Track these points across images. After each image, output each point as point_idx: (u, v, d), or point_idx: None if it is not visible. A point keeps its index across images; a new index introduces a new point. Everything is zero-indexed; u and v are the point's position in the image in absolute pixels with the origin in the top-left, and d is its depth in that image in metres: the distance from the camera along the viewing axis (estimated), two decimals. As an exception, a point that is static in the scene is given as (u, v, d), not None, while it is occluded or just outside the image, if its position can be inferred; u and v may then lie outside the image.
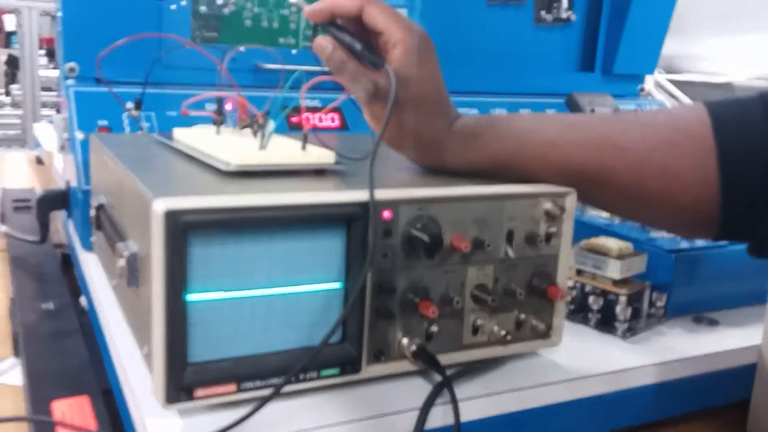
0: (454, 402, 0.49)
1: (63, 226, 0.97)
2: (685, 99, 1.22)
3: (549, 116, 0.59)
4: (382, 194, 0.48)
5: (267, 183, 0.51)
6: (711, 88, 1.46)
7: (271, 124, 0.58)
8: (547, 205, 0.54)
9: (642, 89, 1.17)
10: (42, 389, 0.60)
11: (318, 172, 0.57)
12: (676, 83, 1.39)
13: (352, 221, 0.48)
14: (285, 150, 0.56)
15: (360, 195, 0.48)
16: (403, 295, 0.51)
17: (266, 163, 0.54)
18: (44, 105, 2.72)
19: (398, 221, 0.50)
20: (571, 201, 0.55)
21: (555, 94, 1.07)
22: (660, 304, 0.66)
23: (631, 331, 0.63)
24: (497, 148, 0.57)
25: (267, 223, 0.46)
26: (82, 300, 0.78)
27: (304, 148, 0.57)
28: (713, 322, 0.68)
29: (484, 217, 0.53)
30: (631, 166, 0.53)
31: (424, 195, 0.51)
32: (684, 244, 0.69)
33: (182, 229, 0.43)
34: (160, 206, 0.42)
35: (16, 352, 0.70)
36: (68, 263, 0.92)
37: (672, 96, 1.30)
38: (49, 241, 0.94)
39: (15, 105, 3.58)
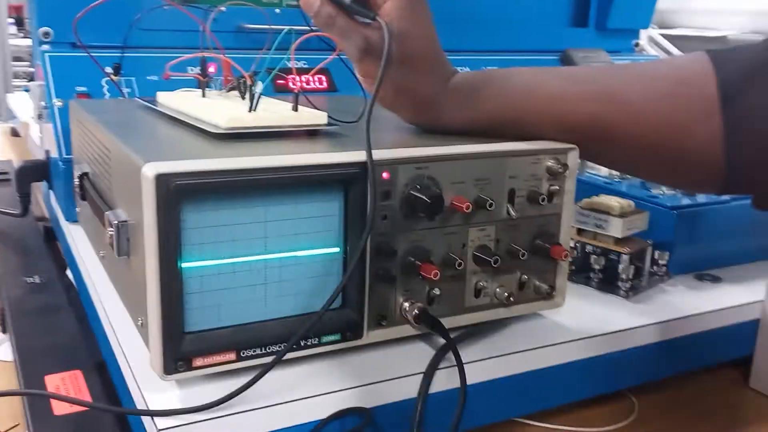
0: (460, 365, 0.48)
1: (44, 198, 0.95)
2: (680, 54, 1.21)
3: (549, 70, 0.57)
4: (379, 154, 0.47)
5: (259, 145, 0.49)
6: (705, 43, 1.44)
7: (260, 85, 0.55)
8: (549, 163, 0.53)
9: (637, 44, 1.15)
10: (34, 364, 0.58)
11: (310, 134, 0.55)
12: (670, 38, 1.37)
13: (349, 183, 0.47)
14: (276, 111, 0.54)
15: (357, 155, 0.46)
16: (404, 258, 0.49)
17: (257, 125, 0.52)
18: (15, 76, 2.64)
19: (397, 182, 0.48)
20: (573, 157, 0.53)
21: (549, 51, 1.05)
22: (662, 262, 0.65)
23: (633, 291, 0.62)
24: (496, 105, 0.55)
25: (262, 187, 0.44)
26: (69, 273, 0.76)
27: (295, 109, 0.55)
28: (716, 279, 0.67)
29: (485, 176, 0.51)
30: (632, 120, 0.52)
31: (422, 154, 0.49)
32: (685, 201, 0.68)
33: (174, 194, 0.41)
34: (151, 171, 0.40)
35: (4, 328, 0.68)
36: (51, 236, 0.90)
37: (666, 51, 1.28)
38: (30, 215, 0.92)
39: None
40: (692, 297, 0.64)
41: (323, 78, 0.92)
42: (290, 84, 0.89)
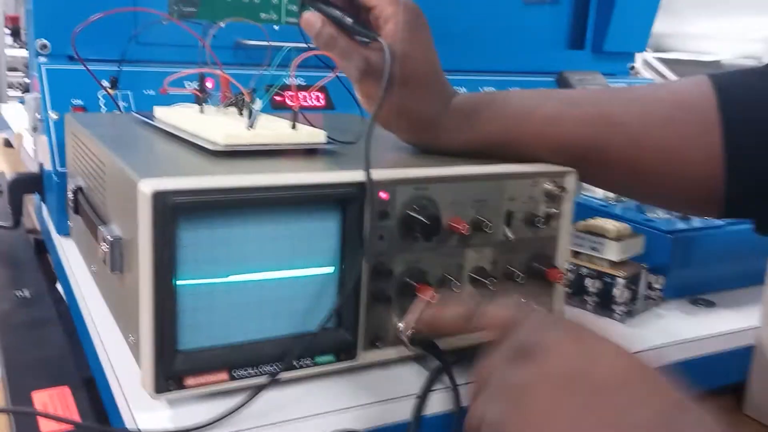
0: (455, 387, 0.47)
1: (36, 210, 0.94)
2: (674, 78, 1.22)
3: (548, 92, 0.57)
4: (378, 174, 0.46)
5: (256, 163, 0.49)
6: (699, 67, 1.46)
7: (259, 102, 0.55)
8: (547, 185, 0.53)
9: (632, 67, 1.16)
10: (21, 380, 0.57)
11: (309, 152, 0.55)
12: (665, 62, 1.39)
13: (347, 203, 0.46)
14: (274, 129, 0.54)
15: (355, 175, 0.46)
16: (400, 278, 0.49)
17: (255, 143, 0.52)
18: (9, 86, 2.64)
19: (395, 202, 0.48)
20: (571, 181, 0.53)
21: (545, 73, 1.06)
22: (657, 286, 0.65)
23: (629, 314, 0.62)
24: (495, 127, 0.55)
25: (259, 205, 0.44)
26: (59, 287, 0.75)
27: (294, 126, 0.55)
28: (710, 304, 0.67)
29: (483, 198, 0.51)
30: (629, 143, 0.52)
31: (421, 174, 0.49)
32: (681, 225, 0.68)
33: (171, 212, 0.40)
34: (148, 187, 0.40)
35: (-9, 342, 0.67)
36: (42, 249, 0.89)
37: (661, 75, 1.29)
38: (21, 227, 0.91)
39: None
40: (687, 322, 0.64)
41: (321, 96, 0.92)
42: (288, 101, 0.89)
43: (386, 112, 0.55)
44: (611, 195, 0.78)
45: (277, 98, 0.88)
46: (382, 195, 0.47)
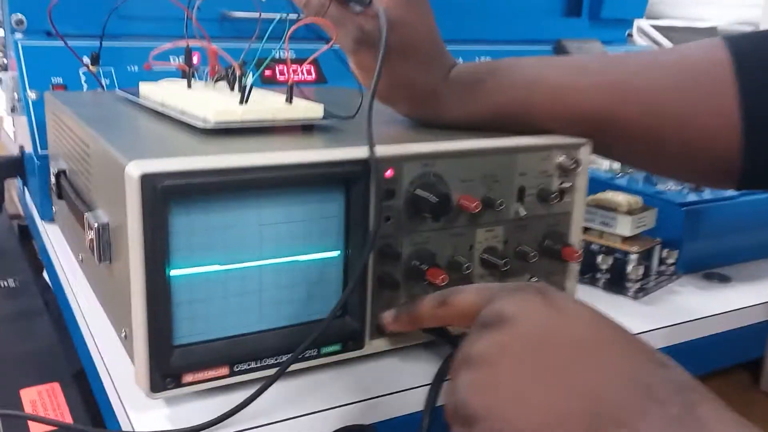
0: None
1: (19, 195, 0.90)
2: (669, 45, 1.19)
3: (555, 60, 0.54)
4: (382, 150, 0.43)
5: (251, 141, 0.46)
6: (695, 34, 1.42)
7: (251, 76, 0.52)
8: (560, 158, 0.50)
9: (630, 35, 1.13)
10: (8, 376, 0.54)
11: (305, 129, 0.51)
12: (660, 29, 1.35)
13: (351, 182, 0.43)
14: (268, 104, 0.50)
15: (358, 152, 0.43)
16: (408, 262, 0.46)
17: (249, 119, 0.48)
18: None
19: (401, 180, 0.45)
20: (585, 152, 0.50)
21: (542, 41, 1.02)
22: (670, 261, 0.63)
23: (642, 291, 0.60)
24: (501, 98, 0.52)
25: (256, 187, 0.41)
26: (45, 275, 0.72)
27: (289, 101, 0.51)
28: (725, 279, 0.65)
29: (494, 174, 0.48)
30: (643, 112, 0.49)
31: (428, 150, 0.45)
32: (692, 197, 0.65)
33: (161, 196, 0.37)
34: (136, 170, 0.37)
35: (-25, 336, 0.63)
36: (27, 236, 0.85)
37: (655, 42, 1.26)
38: (4, 213, 0.87)
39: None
40: (701, 298, 0.61)
41: (312, 69, 0.88)
42: (279, 75, 0.86)
43: (384, 84, 0.51)
44: (617, 167, 0.75)
45: (267, 73, 0.84)
46: (388, 172, 0.44)
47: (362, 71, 0.52)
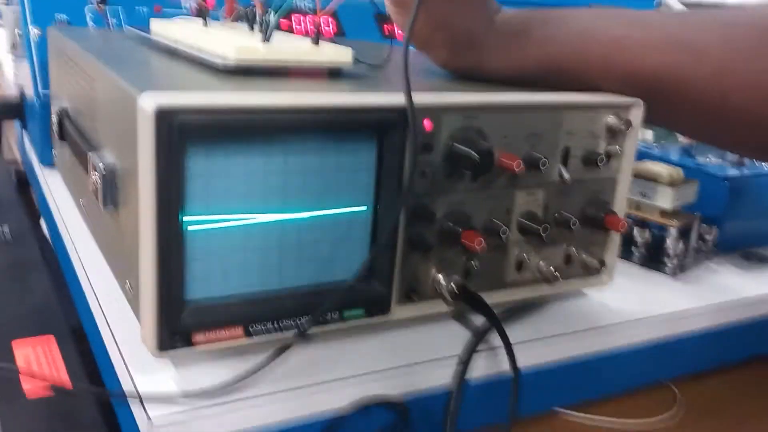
0: (509, 347, 0.41)
1: (17, 140, 0.86)
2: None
3: (613, 11, 0.49)
4: (421, 98, 0.39)
5: (276, 83, 0.41)
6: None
7: (274, 15, 0.47)
8: (610, 119, 0.46)
9: (660, 4, 1.08)
10: (0, 329, 0.51)
11: (332, 74, 0.47)
12: (687, 4, 1.30)
13: (385, 131, 0.39)
14: (293, 45, 0.46)
15: (396, 98, 0.39)
16: (442, 223, 0.42)
17: (272, 59, 0.44)
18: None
19: (440, 133, 0.40)
20: (637, 114, 0.46)
21: (572, 6, 0.97)
22: (709, 237, 0.59)
23: (680, 268, 0.56)
24: (549, 49, 0.47)
25: (283, 130, 0.37)
26: (43, 224, 0.68)
27: (316, 43, 0.47)
28: (764, 259, 0.61)
29: (538, 132, 0.44)
30: (710, 74, 0.44)
31: (470, 101, 0.41)
32: (734, 171, 0.61)
33: (179, 133, 0.33)
34: (150, 103, 0.32)
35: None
36: (24, 183, 0.81)
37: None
38: (1, 158, 0.83)
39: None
40: (743, 278, 0.58)
41: (331, 20, 0.83)
42: (295, 25, 0.81)
43: (422, 26, 0.47)
44: (649, 136, 0.71)
45: (283, 23, 0.79)
46: (426, 123, 0.40)
47: (398, 8, 0.48)
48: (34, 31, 0.67)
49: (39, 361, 0.47)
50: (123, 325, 0.41)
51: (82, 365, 0.46)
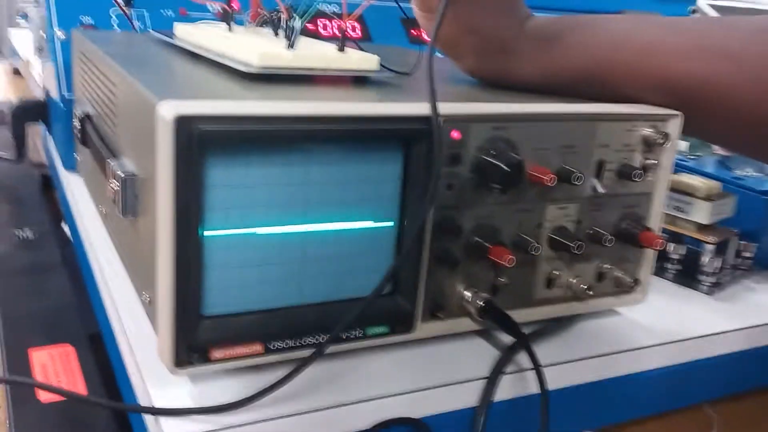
0: (537, 367, 0.39)
1: (42, 142, 0.86)
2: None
3: (645, 17, 0.47)
4: (448, 108, 0.38)
5: (300, 90, 0.40)
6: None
7: (299, 21, 0.46)
8: (647, 131, 0.44)
9: (694, 11, 1.05)
10: (19, 334, 0.50)
11: (358, 82, 0.46)
12: (719, 9, 1.27)
13: (411, 142, 0.38)
14: (319, 51, 0.45)
15: (422, 108, 0.37)
16: (469, 237, 0.40)
17: (297, 66, 0.43)
18: (18, 9, 2.52)
19: (468, 144, 0.39)
20: (675, 126, 0.44)
21: (604, 13, 0.95)
22: (747, 254, 0.56)
23: (717, 286, 0.54)
24: (581, 57, 0.46)
25: (305, 140, 0.35)
26: (65, 227, 0.67)
27: (342, 49, 0.45)
28: (805, 277, 0.58)
29: (571, 143, 0.42)
30: (747, 81, 0.42)
31: (500, 111, 0.40)
32: (773, 185, 0.58)
33: (198, 143, 0.32)
34: (169, 111, 0.31)
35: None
36: (48, 185, 0.81)
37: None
38: (27, 160, 0.83)
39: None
40: (781, 297, 0.55)
41: (357, 26, 0.82)
42: (321, 30, 0.80)
43: (450, 31, 0.46)
44: (683, 146, 0.69)
45: (309, 27, 0.78)
46: (454, 134, 0.38)
47: (426, 14, 0.46)
48: (58, 34, 0.67)
49: (56, 368, 0.46)
50: (140, 335, 0.40)
51: (98, 372, 0.46)
